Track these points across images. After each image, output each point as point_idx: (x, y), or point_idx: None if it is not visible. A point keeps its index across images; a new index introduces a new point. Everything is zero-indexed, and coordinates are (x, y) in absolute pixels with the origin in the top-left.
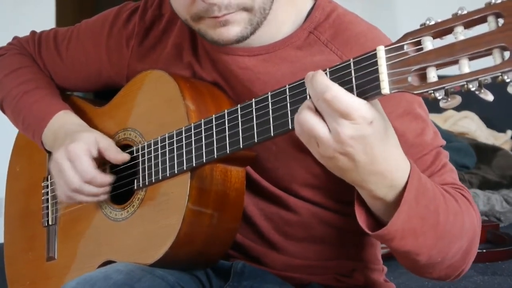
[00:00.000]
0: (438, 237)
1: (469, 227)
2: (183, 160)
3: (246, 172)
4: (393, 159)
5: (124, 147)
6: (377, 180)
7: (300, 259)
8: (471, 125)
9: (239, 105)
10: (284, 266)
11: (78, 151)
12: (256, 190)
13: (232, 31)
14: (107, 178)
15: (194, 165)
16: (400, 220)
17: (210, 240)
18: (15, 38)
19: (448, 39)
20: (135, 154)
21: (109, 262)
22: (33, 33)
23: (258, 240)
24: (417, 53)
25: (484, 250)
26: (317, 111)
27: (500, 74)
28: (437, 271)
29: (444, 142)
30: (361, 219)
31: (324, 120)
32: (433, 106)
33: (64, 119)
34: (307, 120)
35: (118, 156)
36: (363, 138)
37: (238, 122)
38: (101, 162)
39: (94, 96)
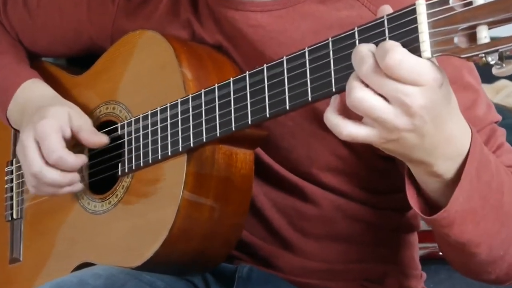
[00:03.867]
0: (501, 222)
1: None
2: (179, 139)
3: (255, 154)
4: (458, 123)
5: (106, 124)
6: (442, 152)
7: (320, 261)
8: None
9: (247, 72)
10: (300, 270)
11: (47, 129)
12: (267, 177)
13: None
14: (79, 159)
15: (191, 145)
16: (461, 198)
17: (210, 237)
18: None
19: None
20: (119, 132)
21: (86, 265)
22: None
23: (268, 237)
24: (466, 8)
25: None
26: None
27: None
28: (498, 269)
29: (499, 118)
30: (413, 200)
31: (379, 93)
32: (482, 74)
33: (33, 90)
34: (365, 99)
35: (94, 138)
36: (434, 105)
37: (246, 93)
38: (78, 143)
39: (68, 63)
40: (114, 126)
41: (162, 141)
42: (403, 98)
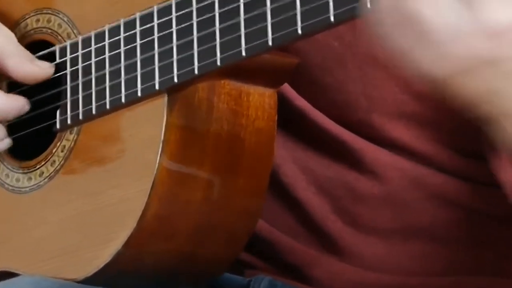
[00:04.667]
0: None
1: None
2: (154, 70)
3: (279, 96)
4: None
5: (38, 46)
6: None
7: (387, 272)
8: None
9: None
10: (354, 285)
11: None
12: (299, 132)
13: None
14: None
15: (175, 80)
16: None
17: (205, 231)
18: None
19: None
20: (58, 60)
21: (6, 275)
22: None
23: (302, 233)
24: None
25: None
26: None
27: None
28: None
29: None
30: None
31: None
32: None
33: None
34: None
35: (24, 69)
36: None
37: None
38: None
39: None
40: (49, 50)
41: (128, 73)
42: (476, 6)
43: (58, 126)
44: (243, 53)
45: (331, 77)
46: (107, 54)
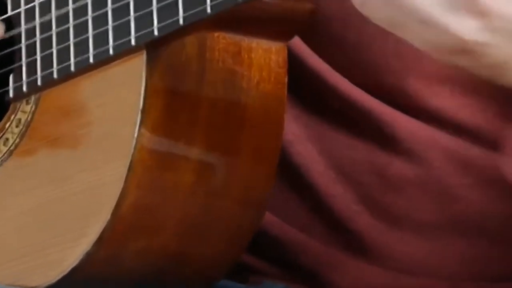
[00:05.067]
0: None
1: None
2: (129, 21)
3: (289, 54)
4: None
5: None
6: None
7: (427, 276)
8: None
9: None
10: None
11: None
12: (314, 101)
13: None
14: None
15: (156, 33)
16: None
17: (197, 225)
18: None
19: None
20: (10, 13)
21: None
22: None
23: (321, 230)
24: None
25: None
26: None
27: None
28: None
29: None
30: None
31: None
32: None
33: None
34: None
35: None
36: None
37: None
38: None
39: None
40: None
41: (96, 26)
42: None
43: (11, 95)
44: None
45: (355, 31)
46: (70, 3)
